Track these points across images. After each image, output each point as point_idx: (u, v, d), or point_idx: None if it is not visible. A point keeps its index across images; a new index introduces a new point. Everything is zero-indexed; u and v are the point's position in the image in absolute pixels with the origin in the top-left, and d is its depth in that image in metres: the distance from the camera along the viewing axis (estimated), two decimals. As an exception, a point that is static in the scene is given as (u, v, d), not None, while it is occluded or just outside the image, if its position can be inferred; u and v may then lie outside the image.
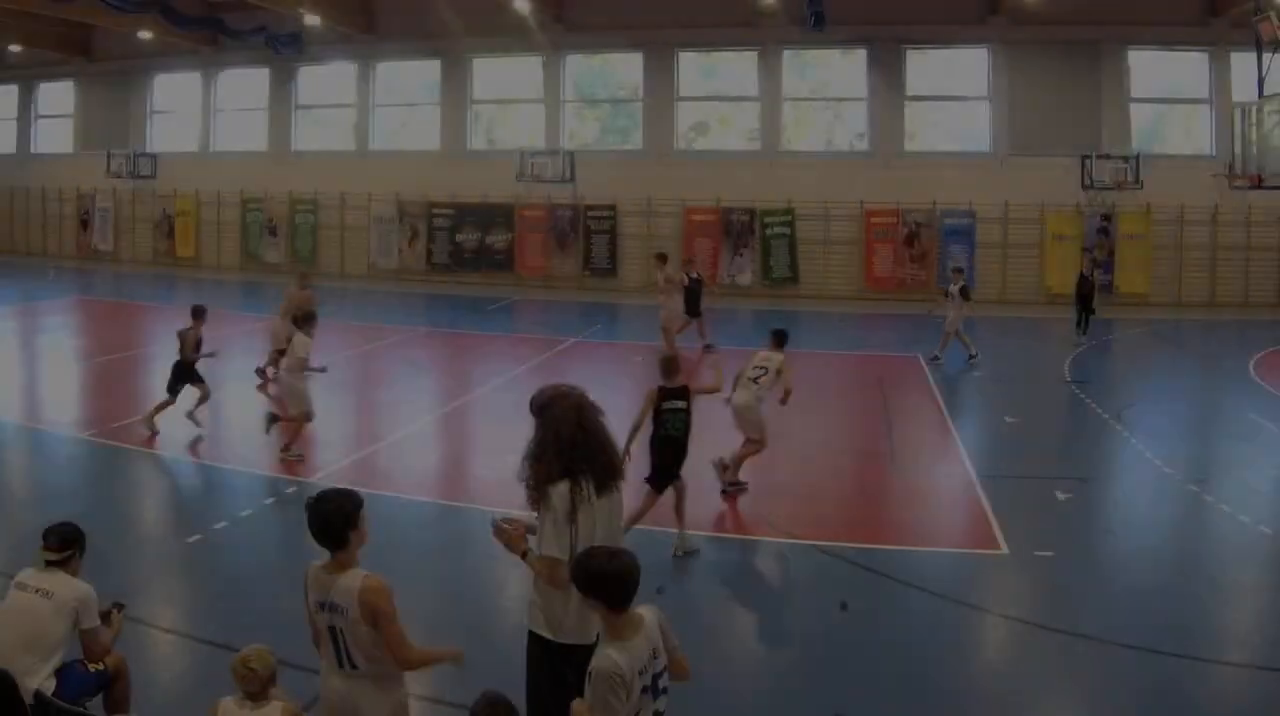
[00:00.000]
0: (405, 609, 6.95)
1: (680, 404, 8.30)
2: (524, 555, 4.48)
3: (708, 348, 17.71)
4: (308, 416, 11.05)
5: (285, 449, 10.98)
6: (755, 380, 10.04)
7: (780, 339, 10.53)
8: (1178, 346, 20.11)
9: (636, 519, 7.97)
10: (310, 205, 28.92)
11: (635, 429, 8.15)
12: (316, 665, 4.47)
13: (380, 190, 28.19)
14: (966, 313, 17.54)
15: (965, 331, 17.49)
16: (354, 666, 4.27)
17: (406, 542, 8.73)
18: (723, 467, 10.04)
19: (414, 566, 8.12)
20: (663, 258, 18.83)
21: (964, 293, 17.57)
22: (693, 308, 18.32)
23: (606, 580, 3.66)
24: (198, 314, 12.47)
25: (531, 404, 4.62)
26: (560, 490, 4.36)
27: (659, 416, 8.29)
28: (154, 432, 11.70)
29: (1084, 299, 20.02)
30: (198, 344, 12.15)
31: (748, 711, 6.04)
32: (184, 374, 12.13)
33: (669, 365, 8.46)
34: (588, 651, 4.01)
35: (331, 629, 4.26)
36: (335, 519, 4.16)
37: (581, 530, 4.37)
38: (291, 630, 6.28)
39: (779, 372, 10.11)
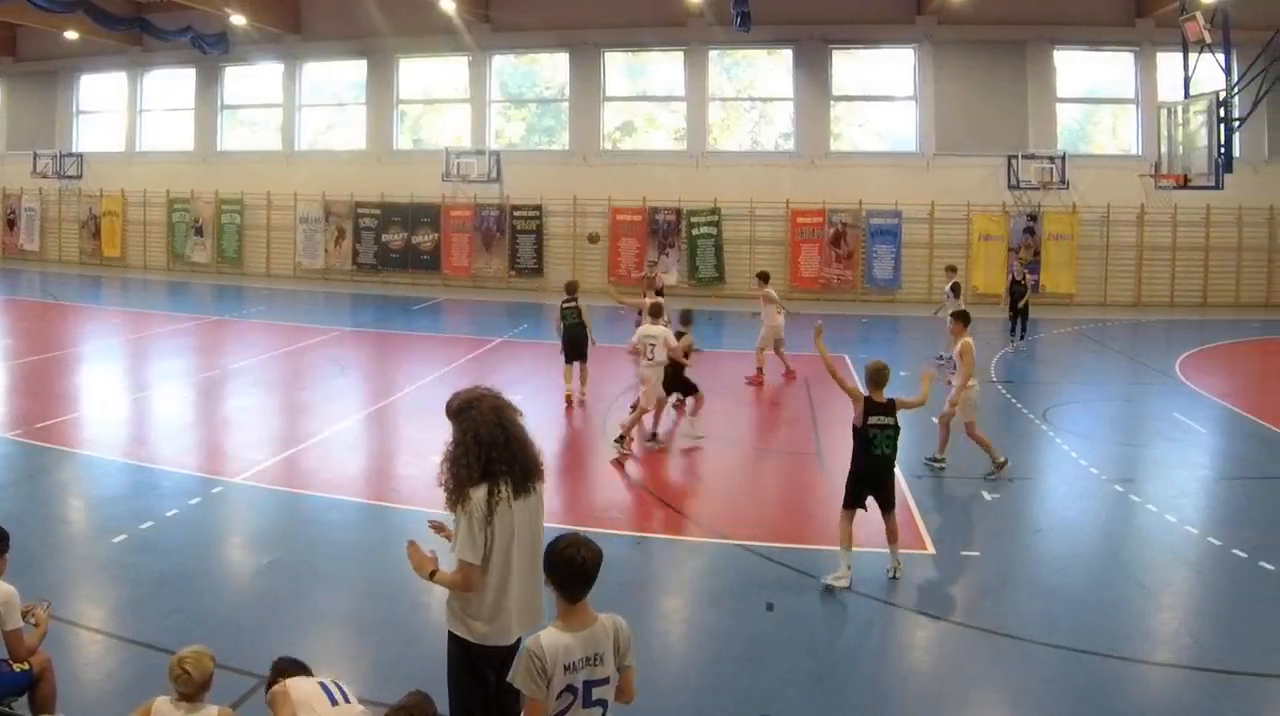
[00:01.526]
0: (331, 608, 6.99)
1: (889, 421, 7.80)
2: (431, 575, 4.45)
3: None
4: (647, 409, 11.53)
5: (620, 439, 11.23)
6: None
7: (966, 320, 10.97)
8: (1104, 346, 20.01)
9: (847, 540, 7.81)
10: (236, 205, 28.69)
11: (837, 375, 8.11)
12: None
13: (306, 190, 27.98)
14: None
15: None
16: None
17: (332, 541, 8.73)
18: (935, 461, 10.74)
19: (339, 565, 8.09)
20: (764, 277, 17.23)
21: (955, 290, 17.34)
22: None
23: (559, 567, 3.73)
24: (687, 320, 12.48)
25: (448, 407, 4.55)
26: (479, 494, 4.31)
27: (865, 432, 7.77)
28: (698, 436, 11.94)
29: (1015, 301, 19.90)
30: (688, 351, 12.09)
31: (674, 712, 5.91)
32: (678, 379, 12.12)
33: (879, 377, 7.88)
34: (507, 652, 4.09)
35: None
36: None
37: (499, 533, 4.31)
38: (219, 630, 6.30)
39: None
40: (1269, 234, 25.36)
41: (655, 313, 11.93)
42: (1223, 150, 18.40)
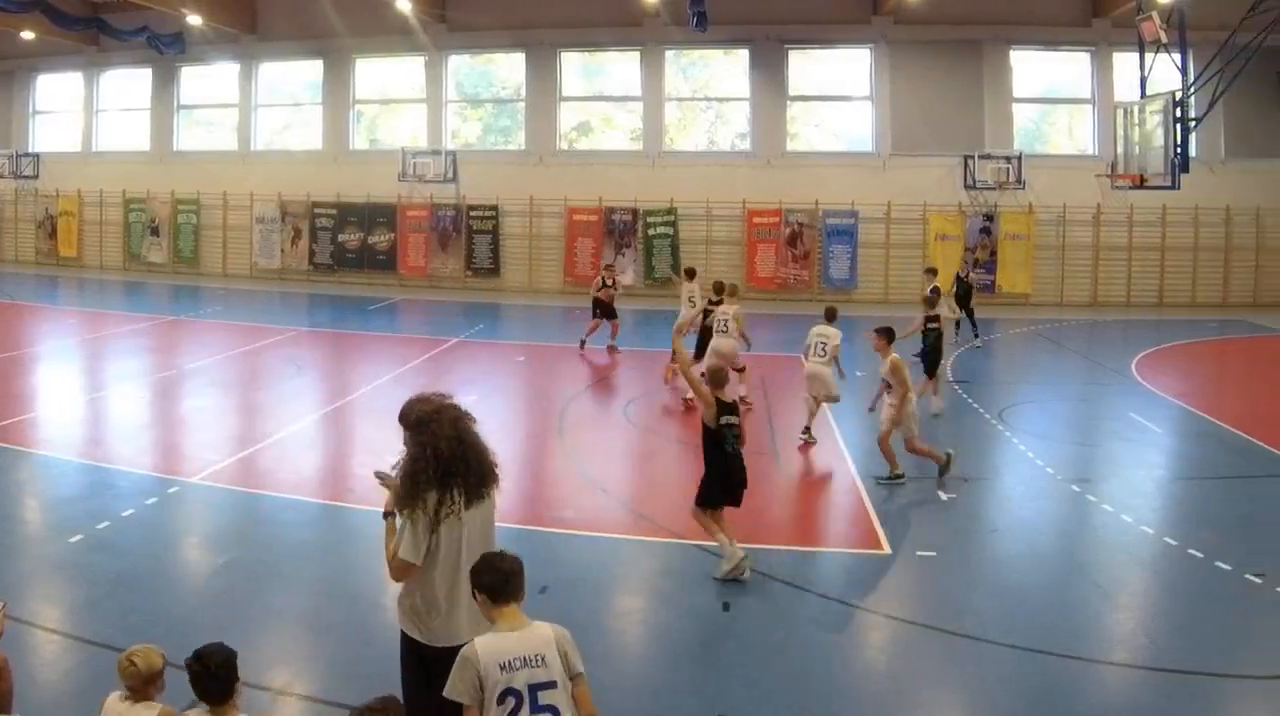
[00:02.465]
0: (287, 608, 7.39)
1: (736, 419, 7.89)
2: (386, 516, 4.56)
3: (612, 348, 18.11)
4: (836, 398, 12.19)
5: (807, 431, 11.95)
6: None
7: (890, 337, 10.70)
8: (1060, 346, 19.96)
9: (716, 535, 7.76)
10: (193, 205, 28.50)
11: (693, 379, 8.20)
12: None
13: (263, 190, 27.83)
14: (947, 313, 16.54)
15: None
16: None
17: (289, 541, 8.65)
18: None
19: (296, 565, 8.02)
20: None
21: (934, 294, 16.77)
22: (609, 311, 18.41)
23: (481, 570, 3.85)
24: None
25: (404, 417, 4.53)
26: (430, 499, 4.34)
27: (719, 432, 7.76)
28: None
29: (960, 300, 19.63)
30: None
31: (630, 712, 5.87)
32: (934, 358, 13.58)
33: (720, 377, 8.01)
34: (455, 653, 4.16)
35: None
36: (226, 674, 4.06)
37: (447, 538, 4.35)
38: (175, 629, 6.25)
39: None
40: (1225, 234, 25.41)
41: (830, 316, 12.40)
42: (1179, 150, 18.38)
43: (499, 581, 3.77)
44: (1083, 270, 25.24)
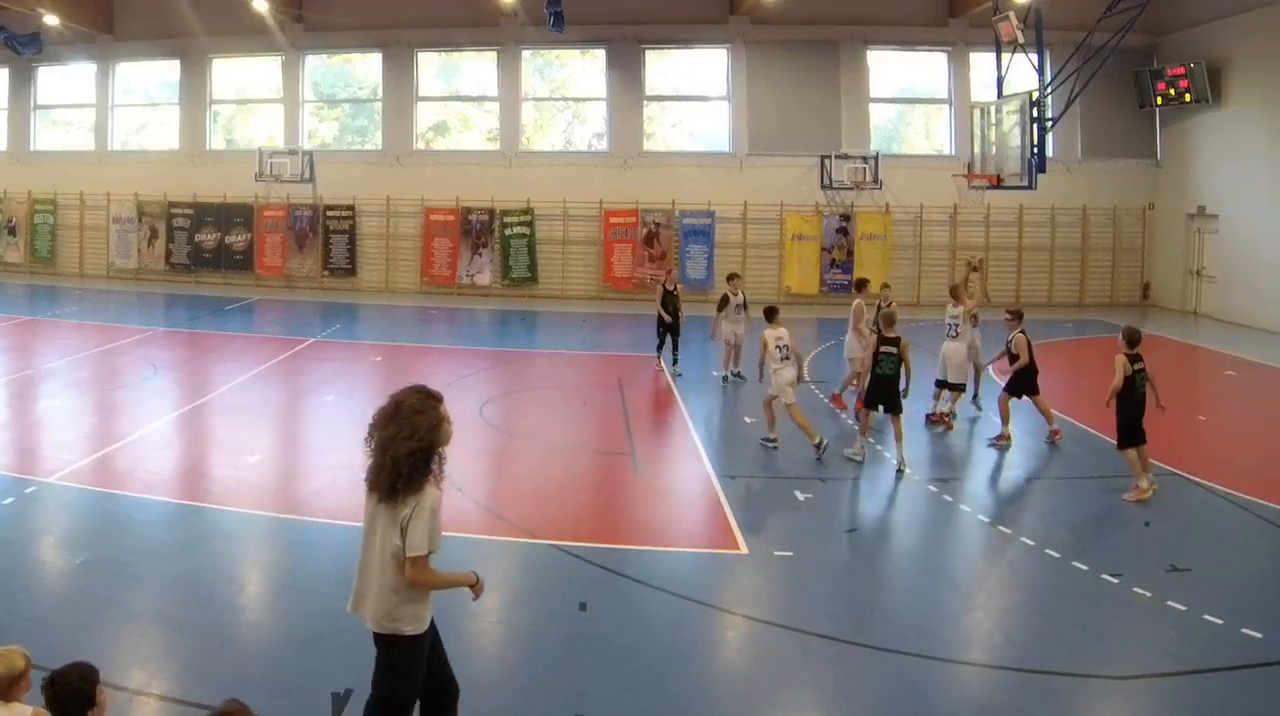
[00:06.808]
0: (144, 608, 7.28)
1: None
2: None
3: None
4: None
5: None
6: None
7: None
8: (915, 346, 19.38)
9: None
10: (49, 205, 28.03)
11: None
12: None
13: (119, 190, 27.43)
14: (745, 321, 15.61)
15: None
16: None
17: (146, 541, 8.53)
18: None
19: (152, 565, 7.91)
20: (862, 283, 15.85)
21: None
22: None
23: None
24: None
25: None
26: None
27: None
28: None
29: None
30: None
31: (487, 713, 5.80)
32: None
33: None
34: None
35: None
36: (73, 704, 4.01)
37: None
38: (32, 630, 6.19)
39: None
40: (1082, 234, 25.55)
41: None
42: (1036, 150, 18.35)
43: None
44: (939, 270, 25.16)
